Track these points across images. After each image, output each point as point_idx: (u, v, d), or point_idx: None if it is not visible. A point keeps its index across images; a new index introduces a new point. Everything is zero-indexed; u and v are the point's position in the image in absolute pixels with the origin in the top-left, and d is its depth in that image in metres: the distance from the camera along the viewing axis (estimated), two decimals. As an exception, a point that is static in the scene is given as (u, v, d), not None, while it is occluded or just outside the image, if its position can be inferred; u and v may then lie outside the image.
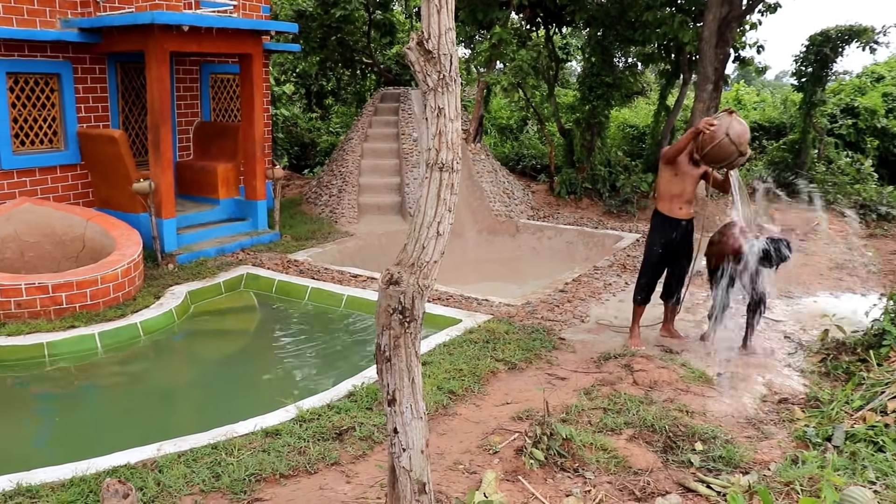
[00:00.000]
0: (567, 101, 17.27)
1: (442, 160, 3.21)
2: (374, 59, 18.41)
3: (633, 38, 13.68)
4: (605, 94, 13.97)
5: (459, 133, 3.28)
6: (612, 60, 14.37)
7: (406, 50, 3.23)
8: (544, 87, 15.86)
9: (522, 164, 16.55)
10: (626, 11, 13.27)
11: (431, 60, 3.19)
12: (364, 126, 13.92)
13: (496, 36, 13.40)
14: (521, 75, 13.14)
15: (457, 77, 3.24)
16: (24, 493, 4.36)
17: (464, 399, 5.81)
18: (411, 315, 3.22)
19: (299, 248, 10.61)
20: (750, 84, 25.80)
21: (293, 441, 4.96)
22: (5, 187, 9.78)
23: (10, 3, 9.56)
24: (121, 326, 7.55)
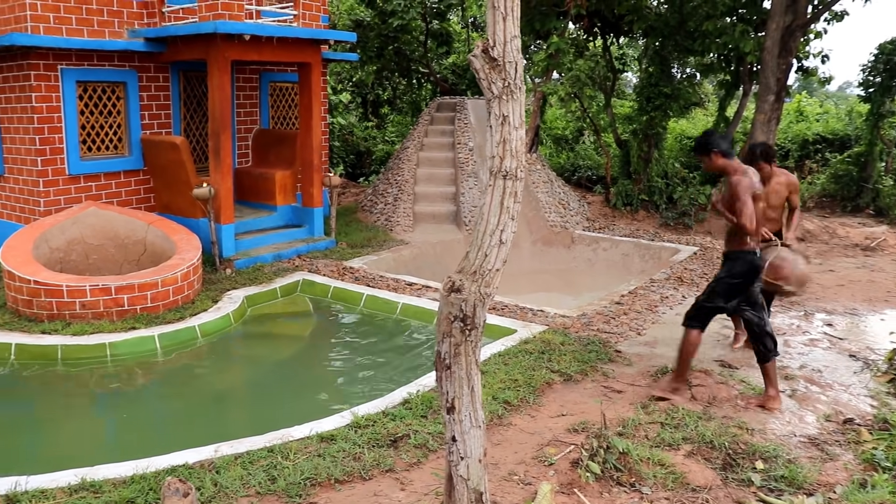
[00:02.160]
0: (624, 112, 17.12)
1: (506, 168, 3.20)
2: (430, 68, 18.50)
3: (692, 48, 13.51)
4: (663, 104, 13.81)
5: (524, 141, 3.27)
6: (670, 71, 14.21)
7: (471, 58, 3.23)
8: (601, 98, 15.76)
9: (578, 175, 16.44)
10: (686, 21, 13.11)
11: (496, 68, 3.18)
12: (420, 135, 13.98)
13: (553, 46, 13.35)
14: (578, 85, 13.07)
15: (521, 85, 3.23)
16: (88, 487, 4.46)
17: (519, 409, 5.77)
18: (472, 323, 3.21)
19: (355, 256, 10.68)
20: (812, 95, 25.25)
21: (348, 447, 4.98)
22: (72, 191, 10.05)
23: (81, 14, 9.85)
24: (179, 329, 7.68)
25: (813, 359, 7.05)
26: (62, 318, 7.80)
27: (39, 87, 9.60)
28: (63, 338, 7.37)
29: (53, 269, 8.58)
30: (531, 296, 9.79)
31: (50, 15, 9.59)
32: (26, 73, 9.58)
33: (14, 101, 9.94)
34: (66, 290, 7.78)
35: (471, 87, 18.85)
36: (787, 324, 8.04)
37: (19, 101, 9.84)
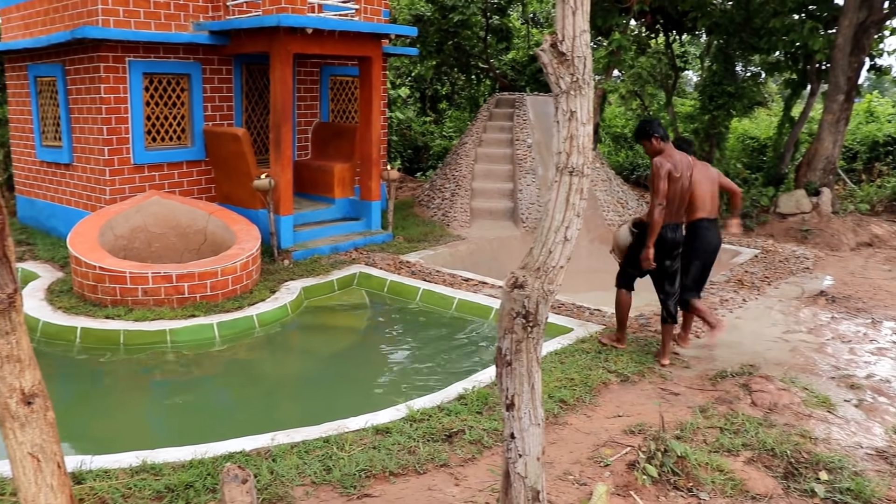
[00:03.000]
0: (684, 111, 16.85)
1: (572, 164, 3.15)
2: (489, 64, 18.45)
3: (757, 45, 13.22)
4: (726, 103, 13.55)
5: (591, 137, 3.21)
6: (734, 69, 13.95)
7: (539, 52, 3.19)
8: (662, 96, 15.55)
9: (637, 174, 16.24)
10: (752, 18, 12.83)
11: (565, 63, 3.13)
12: (478, 131, 13.93)
13: (615, 42, 13.20)
14: (640, 83, 12.93)
15: (590, 80, 3.17)
16: (148, 469, 4.54)
17: (574, 409, 5.70)
18: (535, 320, 3.16)
19: (411, 250, 10.70)
20: (884, 95, 24.52)
21: (403, 440, 4.98)
22: (136, 181, 10.26)
23: (149, 8, 10.04)
24: (238, 318, 7.78)
25: (881, 368, 6.83)
26: (125, 303, 7.96)
27: (108, 78, 9.82)
28: (125, 323, 7.52)
29: (117, 255, 8.77)
30: (588, 294, 9.67)
31: (119, 9, 9.79)
32: (96, 64, 9.80)
33: (84, 93, 10.19)
34: (129, 277, 7.94)
35: (530, 84, 18.75)
36: (852, 331, 7.81)
37: (88, 93, 10.08)
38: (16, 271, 2.23)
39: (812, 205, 12.68)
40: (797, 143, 14.57)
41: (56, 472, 2.42)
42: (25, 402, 2.29)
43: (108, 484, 4.37)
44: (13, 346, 2.24)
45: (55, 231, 11.42)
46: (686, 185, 6.51)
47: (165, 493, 4.30)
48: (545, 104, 13.84)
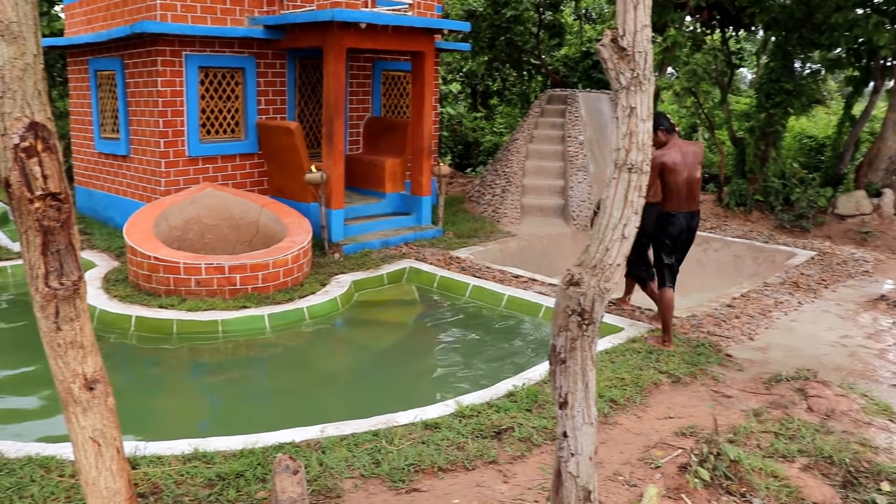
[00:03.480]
0: (739, 109, 16.53)
1: (631, 161, 3.10)
2: (542, 60, 18.33)
3: (818, 41, 12.88)
4: (784, 101, 13.24)
5: (650, 134, 3.15)
6: (792, 66, 13.62)
7: (599, 47, 3.14)
8: (716, 93, 15.26)
9: (690, 172, 15.97)
10: (813, 13, 12.51)
11: (625, 58, 3.08)
12: (530, 127, 13.86)
13: (670, 39, 13.00)
14: (695, 80, 12.69)
15: (650, 76, 3.12)
16: (200, 457, 4.59)
17: (625, 409, 5.63)
18: (590, 318, 3.12)
19: (461, 246, 10.68)
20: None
21: (452, 436, 4.96)
22: (191, 173, 10.40)
23: (206, 3, 10.17)
24: (288, 310, 7.84)
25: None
26: (178, 293, 8.08)
27: (165, 72, 9.97)
28: (178, 312, 7.64)
29: (171, 246, 8.90)
30: (638, 294, 9.56)
31: (177, 3, 9.93)
32: (154, 58, 9.96)
33: (141, 86, 10.36)
34: (182, 267, 8.05)
35: (582, 80, 18.60)
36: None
37: (146, 86, 10.25)
38: (80, 260, 2.26)
39: (873, 206, 12.35)
40: (858, 142, 14.20)
41: (115, 456, 2.45)
42: (87, 387, 2.33)
43: (161, 470, 4.44)
44: (77, 333, 2.28)
45: (112, 221, 11.65)
46: (692, 174, 6.87)
47: (217, 481, 4.35)
48: (597, 101, 13.72)
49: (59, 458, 4.57)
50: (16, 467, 4.44)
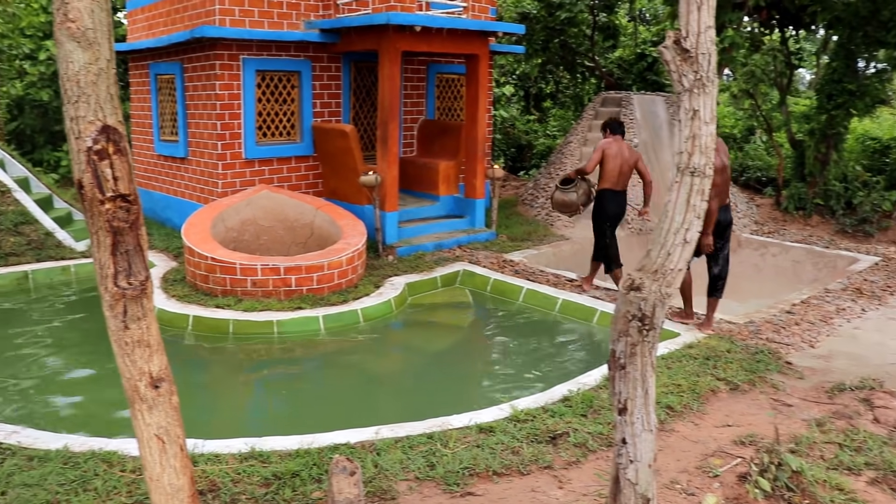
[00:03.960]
0: (798, 110, 16.18)
1: (694, 164, 3.05)
2: (596, 62, 18.20)
3: (884, 39, 12.51)
4: (846, 102, 12.90)
5: (713, 137, 3.10)
6: (856, 66, 13.27)
7: (662, 49, 3.10)
8: (775, 95, 14.96)
9: (746, 176, 15.69)
10: (880, 10, 12.15)
11: (688, 60, 3.03)
12: (584, 130, 13.76)
13: (728, 40, 12.76)
14: (753, 82, 12.46)
15: (714, 78, 3.06)
16: (257, 456, 4.65)
17: (682, 416, 5.55)
18: (651, 323, 3.08)
19: (515, 249, 10.65)
20: None
21: (507, 440, 4.94)
22: (247, 175, 10.56)
23: (263, 7, 10.32)
24: (343, 311, 7.89)
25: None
26: (234, 294, 8.20)
27: (223, 75, 10.13)
28: (234, 313, 7.74)
29: (227, 247, 9.03)
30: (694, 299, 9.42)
31: (235, 8, 10.09)
32: (212, 62, 10.14)
33: (200, 89, 10.55)
34: (239, 268, 8.17)
35: (637, 82, 18.42)
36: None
37: (204, 89, 10.43)
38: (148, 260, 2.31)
39: (940, 210, 12.00)
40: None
41: (179, 454, 2.49)
42: (153, 385, 2.37)
43: (218, 468, 4.50)
44: (144, 331, 2.32)
45: (170, 222, 11.87)
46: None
47: (273, 480, 4.39)
48: (652, 103, 13.56)
49: (120, 454, 4.67)
50: (80, 461, 4.55)
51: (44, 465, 4.50)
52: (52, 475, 4.37)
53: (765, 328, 7.67)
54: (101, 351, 7.33)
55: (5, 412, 5.88)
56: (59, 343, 7.56)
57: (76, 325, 8.15)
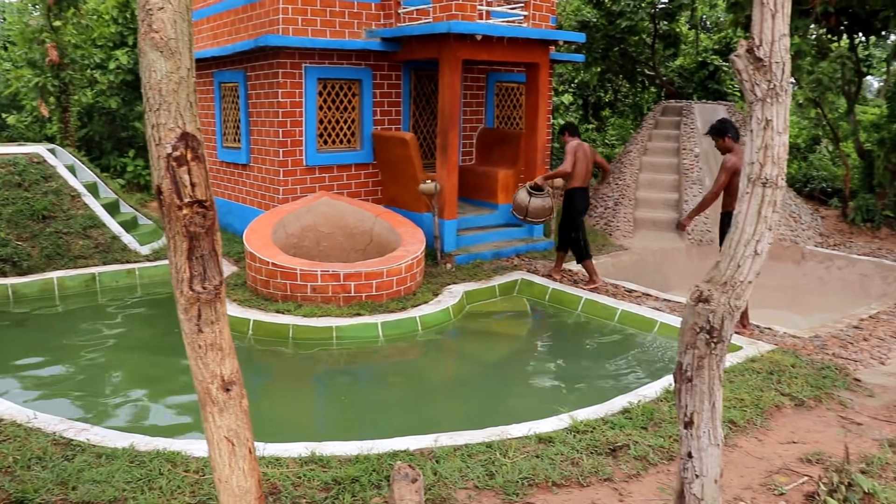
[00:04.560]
0: (867, 119, 15.77)
1: (766, 175, 2.99)
2: (656, 71, 18.01)
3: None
4: (919, 110, 12.55)
5: (786, 147, 3.04)
6: (929, 73, 12.91)
7: (733, 58, 3.05)
8: (842, 103, 14.60)
9: (810, 187, 15.34)
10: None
11: (761, 69, 2.98)
12: (643, 139, 13.63)
13: (794, 47, 12.51)
14: (820, 90, 12.18)
15: (788, 87, 3.01)
16: (317, 461, 4.69)
17: (745, 431, 5.44)
18: (719, 336, 3.03)
19: (573, 259, 10.55)
20: None
21: (566, 451, 4.90)
22: (307, 181, 10.69)
23: (325, 16, 10.45)
24: (401, 318, 7.93)
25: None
26: (294, 299, 8.29)
27: (285, 83, 10.28)
28: (294, 318, 7.83)
29: (288, 253, 9.15)
30: (755, 311, 9.22)
31: (298, 17, 10.24)
32: (275, 70, 10.30)
33: (262, 97, 10.72)
34: (299, 274, 8.26)
35: (697, 91, 18.17)
36: None
37: (267, 97, 10.60)
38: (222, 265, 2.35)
39: None
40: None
41: (248, 456, 2.53)
42: (224, 388, 2.41)
43: (279, 471, 4.55)
44: (217, 335, 2.36)
45: (231, 227, 12.08)
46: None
47: (332, 485, 4.43)
48: (714, 112, 13.37)
49: (184, 454, 4.75)
50: (146, 460, 4.65)
51: (111, 463, 4.61)
52: (119, 473, 4.47)
53: (831, 343, 7.48)
54: (163, 352, 7.50)
55: (74, 410, 6.04)
56: (123, 344, 7.75)
57: (140, 326, 8.35)
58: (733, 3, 13.30)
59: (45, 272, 9.40)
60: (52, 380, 6.76)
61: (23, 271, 9.30)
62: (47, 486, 4.31)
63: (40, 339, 7.74)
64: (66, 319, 8.45)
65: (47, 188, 10.13)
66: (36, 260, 9.48)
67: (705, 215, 11.98)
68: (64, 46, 13.15)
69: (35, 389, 6.52)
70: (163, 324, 8.26)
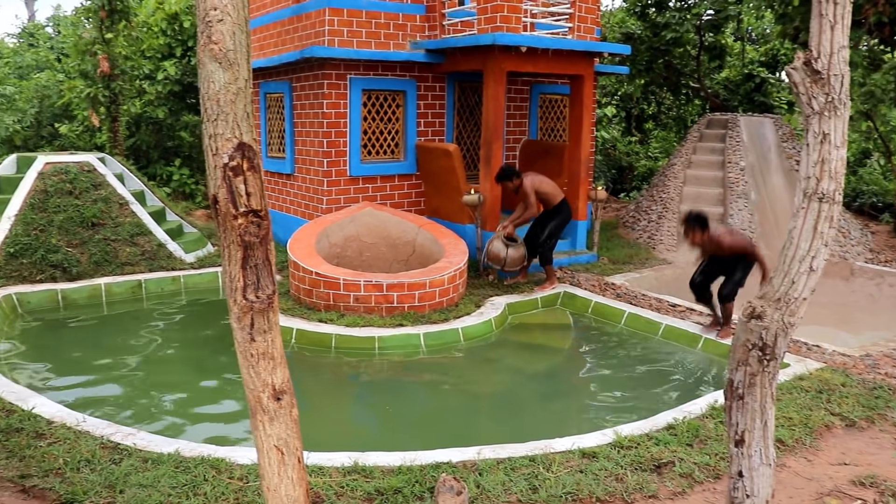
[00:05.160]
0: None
1: (822, 190, 2.94)
2: (701, 83, 17.84)
3: None
4: (974, 125, 12.26)
5: (844, 162, 2.99)
6: None
7: (790, 70, 3.01)
8: (894, 116, 14.32)
9: (860, 202, 15.07)
10: None
11: (819, 82, 2.94)
12: (688, 152, 13.49)
13: (845, 60, 12.31)
14: (872, 102, 11.96)
15: (847, 101, 2.96)
16: (360, 471, 4.69)
17: (793, 451, 5.33)
18: (772, 353, 2.98)
19: (616, 272, 10.49)
20: None
21: (610, 466, 4.85)
22: (351, 192, 10.75)
23: (371, 28, 10.53)
24: (444, 330, 7.92)
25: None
26: (337, 308, 8.33)
27: (330, 94, 10.37)
28: (337, 327, 7.86)
29: (331, 262, 9.20)
30: (802, 328, 9.06)
31: (344, 29, 10.33)
32: (320, 81, 10.39)
33: (307, 108, 10.83)
34: (342, 284, 8.30)
35: (743, 104, 17.96)
36: None
37: (312, 108, 10.70)
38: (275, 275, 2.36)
39: None
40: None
41: (297, 465, 2.54)
42: (275, 397, 2.42)
43: (322, 480, 4.56)
44: (269, 344, 2.37)
45: (274, 237, 12.13)
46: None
47: (375, 495, 4.43)
48: (760, 125, 13.19)
49: (228, 461, 4.79)
50: (191, 466, 4.70)
51: (157, 468, 4.66)
52: (165, 478, 4.52)
53: (883, 362, 7.31)
54: (204, 358, 7.59)
55: (121, 413, 6.13)
56: (167, 350, 7.85)
57: (183, 333, 8.45)
58: (782, 15, 13.13)
59: (94, 278, 9.56)
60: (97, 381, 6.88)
61: (72, 277, 9.47)
62: (95, 489, 4.37)
63: (87, 343, 7.89)
64: (113, 324, 8.60)
65: (97, 196, 10.32)
66: (85, 266, 9.66)
67: (751, 229, 11.81)
68: (115, 58, 13.42)
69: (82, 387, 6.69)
70: (207, 331, 8.37)
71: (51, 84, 16.63)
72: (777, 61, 18.71)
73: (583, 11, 11.65)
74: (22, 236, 9.49)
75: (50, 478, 4.52)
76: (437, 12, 10.96)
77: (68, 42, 16.21)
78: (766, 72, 17.96)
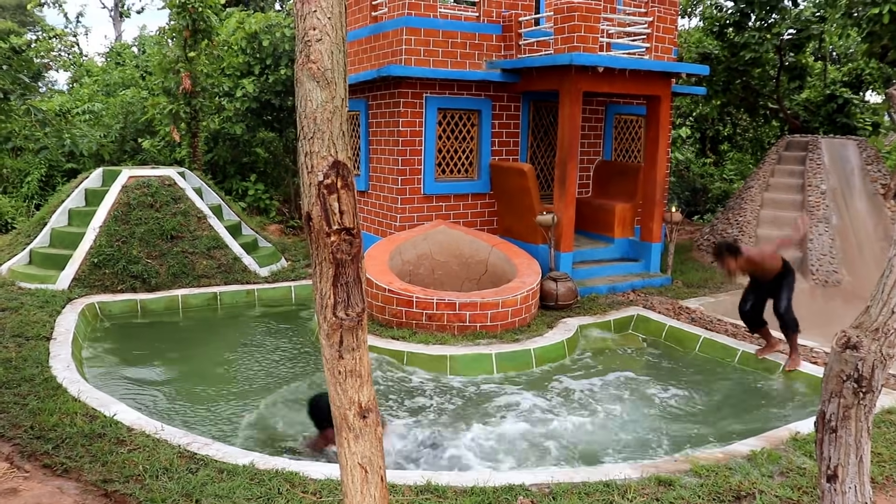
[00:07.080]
0: None
1: (925, 213, 2.83)
2: (780, 104, 17.46)
3: None
4: None
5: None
6: None
7: (892, 92, 2.92)
8: None
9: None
10: None
11: (922, 101, 2.83)
12: (766, 174, 13.20)
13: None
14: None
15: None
16: (432, 490, 4.67)
17: (884, 488, 5.11)
18: (868, 385, 2.87)
19: (691, 296, 10.29)
20: None
21: (687, 495, 4.73)
22: (425, 210, 10.80)
23: (447, 47, 10.61)
24: (516, 350, 7.88)
25: None
26: (409, 326, 8.36)
27: (406, 112, 10.46)
28: (409, 345, 7.89)
29: (403, 279, 9.25)
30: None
31: (420, 48, 10.42)
32: (396, 100, 10.50)
33: (383, 126, 10.95)
34: (415, 301, 8.33)
35: (824, 125, 17.50)
36: None
37: (387, 126, 10.81)
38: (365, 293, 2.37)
39: None
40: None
41: (379, 484, 2.53)
42: (361, 415, 2.43)
43: (395, 498, 4.55)
44: (357, 362, 2.39)
45: (348, 253, 12.29)
46: None
47: (448, 515, 4.40)
48: (843, 148, 12.82)
49: (302, 475, 4.83)
50: (265, 478, 4.75)
51: (232, 479, 4.73)
52: (240, 489, 4.58)
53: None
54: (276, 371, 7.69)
55: (193, 423, 6.25)
56: (240, 361, 7.98)
57: (257, 345, 8.57)
58: (870, 33, 12.78)
59: (171, 289, 9.81)
60: (173, 390, 7.04)
61: (151, 288, 9.74)
62: (173, 497, 4.45)
63: (163, 351, 8.08)
64: (189, 334, 8.79)
65: (176, 209, 10.60)
66: (163, 277, 9.92)
67: (832, 255, 11.48)
68: (196, 75, 13.79)
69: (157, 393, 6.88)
70: (281, 344, 8.49)
71: (135, 101, 17.18)
72: (861, 81, 18.21)
73: (660, 31, 11.51)
74: (105, 247, 9.81)
75: (130, 484, 4.62)
76: (513, 32, 10.99)
77: (153, 60, 16.73)
78: (849, 92, 17.48)
